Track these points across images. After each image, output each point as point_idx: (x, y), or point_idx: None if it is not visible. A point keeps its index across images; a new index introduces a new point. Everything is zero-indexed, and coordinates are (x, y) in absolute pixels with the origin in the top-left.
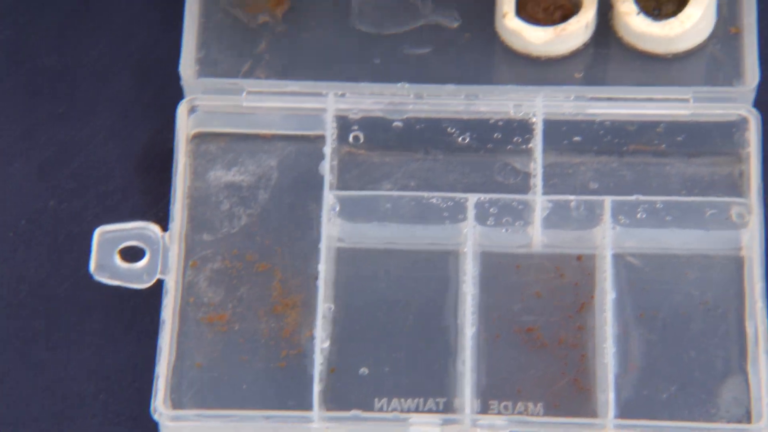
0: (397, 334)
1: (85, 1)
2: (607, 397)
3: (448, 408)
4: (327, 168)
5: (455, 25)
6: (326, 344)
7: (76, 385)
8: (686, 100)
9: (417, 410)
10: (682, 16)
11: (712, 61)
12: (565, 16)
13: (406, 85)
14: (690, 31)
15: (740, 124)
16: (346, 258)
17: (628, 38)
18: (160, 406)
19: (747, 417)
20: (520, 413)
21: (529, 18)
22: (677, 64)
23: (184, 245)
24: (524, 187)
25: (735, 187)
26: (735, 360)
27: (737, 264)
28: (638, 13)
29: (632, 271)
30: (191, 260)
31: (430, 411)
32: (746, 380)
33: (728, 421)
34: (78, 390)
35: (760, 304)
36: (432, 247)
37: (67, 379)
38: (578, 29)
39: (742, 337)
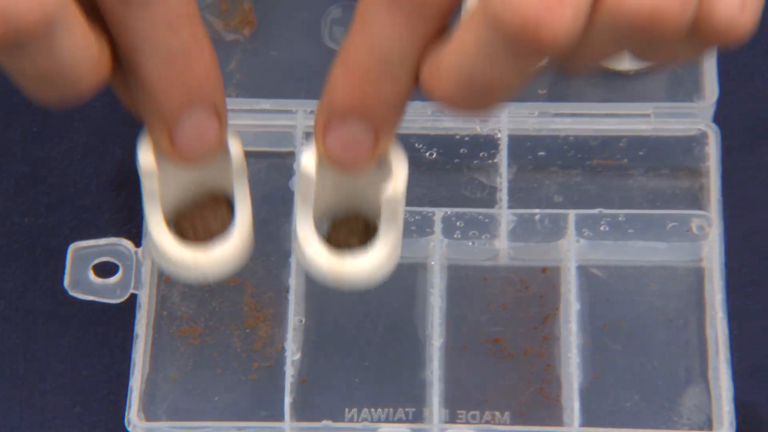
0: (366, 346)
1: None
2: (573, 406)
3: (417, 418)
4: (297, 185)
5: None
6: (297, 356)
7: (52, 397)
8: (647, 116)
9: (387, 420)
10: None
11: (672, 78)
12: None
13: None
14: None
15: (700, 138)
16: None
17: None
18: (134, 418)
19: (708, 424)
20: (487, 422)
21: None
22: (638, 81)
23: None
24: (490, 202)
25: (695, 200)
26: (696, 369)
27: (698, 275)
28: None
29: (596, 283)
30: (164, 275)
31: (399, 421)
32: (707, 388)
33: (690, 429)
34: (54, 402)
35: (720, 314)
36: (400, 260)
37: (44, 392)
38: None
39: (703, 347)
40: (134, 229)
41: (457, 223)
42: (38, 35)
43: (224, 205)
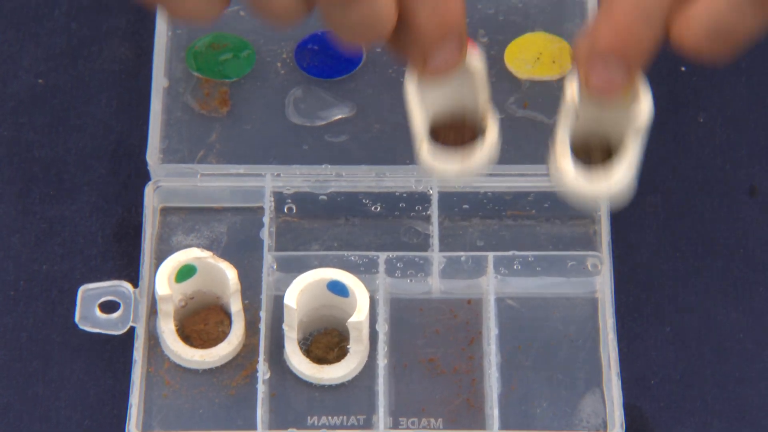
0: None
1: (69, 103)
2: (493, 412)
3: (366, 424)
4: (266, 233)
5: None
6: (267, 375)
7: (65, 413)
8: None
9: (342, 426)
10: None
11: None
12: (473, 138)
13: (329, 167)
14: None
15: None
16: (283, 305)
17: None
18: (133, 429)
19: (603, 425)
20: (424, 428)
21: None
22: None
23: (151, 299)
24: (425, 246)
25: (590, 243)
26: (593, 380)
27: (593, 304)
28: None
29: (511, 312)
30: (155, 312)
31: (352, 426)
32: (602, 396)
33: (588, 430)
34: (67, 416)
35: (611, 335)
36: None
37: (59, 409)
38: (482, 156)
39: (598, 362)
40: (133, 273)
41: (398, 264)
42: None
43: (224, 315)
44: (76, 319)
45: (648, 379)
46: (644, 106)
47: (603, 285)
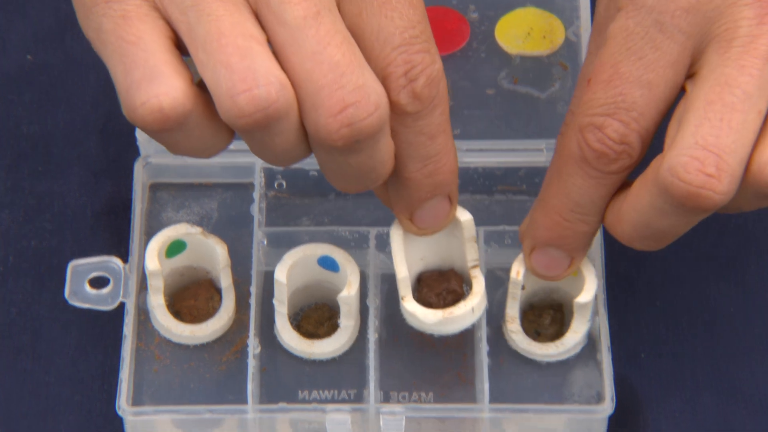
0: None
1: (58, 80)
2: (484, 386)
3: (357, 398)
4: (256, 209)
5: None
6: (258, 350)
7: (55, 388)
8: (541, 150)
9: (332, 400)
10: None
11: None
12: (456, 300)
13: None
14: None
15: None
16: (273, 280)
17: None
18: (123, 404)
19: (594, 399)
20: (414, 401)
21: (423, 301)
22: (534, 122)
23: (141, 274)
24: None
25: None
26: (585, 353)
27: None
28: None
29: (501, 284)
30: (145, 288)
31: (343, 401)
32: (593, 370)
33: (579, 403)
34: (58, 392)
35: (601, 309)
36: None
37: (48, 384)
38: (465, 313)
39: (591, 335)
40: (122, 249)
41: (388, 240)
42: (376, 136)
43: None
44: (66, 294)
45: (638, 352)
46: (588, 285)
47: (593, 258)
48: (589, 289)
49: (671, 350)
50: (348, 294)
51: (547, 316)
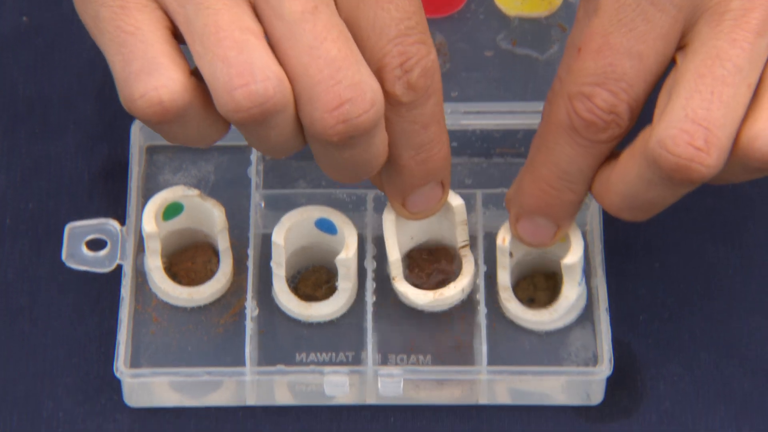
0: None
1: (55, 42)
2: (482, 348)
3: (355, 360)
4: (254, 171)
5: None
6: (255, 312)
7: (53, 351)
8: (539, 113)
9: (330, 362)
10: None
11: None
12: (445, 280)
13: None
14: None
15: None
16: (271, 243)
17: None
18: (121, 366)
19: (592, 361)
20: (413, 364)
21: (414, 281)
22: (533, 84)
23: (138, 236)
24: None
25: None
26: (582, 316)
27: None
28: None
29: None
30: (143, 250)
31: (341, 363)
32: (591, 332)
33: (577, 365)
34: (55, 355)
35: (599, 271)
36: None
37: (46, 346)
38: (455, 293)
39: (588, 298)
40: (119, 211)
41: (386, 202)
42: (371, 132)
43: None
44: (63, 257)
45: (636, 314)
46: (574, 247)
47: (592, 220)
48: (575, 251)
49: (670, 313)
50: (346, 256)
51: (540, 281)
